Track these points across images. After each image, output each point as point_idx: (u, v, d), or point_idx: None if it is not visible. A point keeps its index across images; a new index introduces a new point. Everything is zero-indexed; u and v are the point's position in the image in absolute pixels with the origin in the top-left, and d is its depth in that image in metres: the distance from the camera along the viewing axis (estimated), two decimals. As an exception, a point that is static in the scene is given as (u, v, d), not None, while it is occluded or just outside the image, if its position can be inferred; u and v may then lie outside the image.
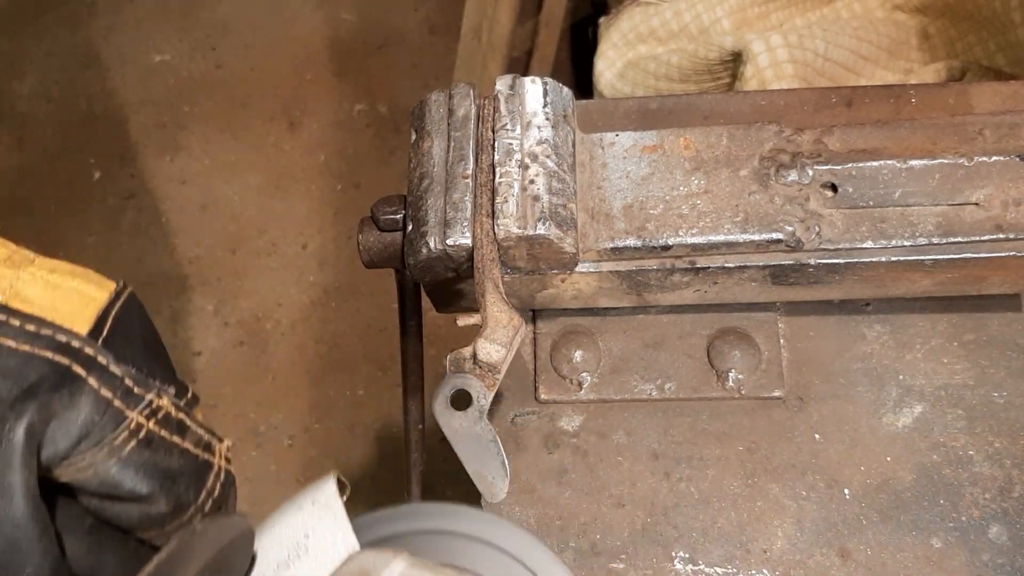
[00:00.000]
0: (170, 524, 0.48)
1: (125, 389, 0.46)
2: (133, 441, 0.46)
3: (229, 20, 2.60)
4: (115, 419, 0.45)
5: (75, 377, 0.44)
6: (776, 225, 0.66)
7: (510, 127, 0.66)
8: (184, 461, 0.48)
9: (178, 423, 0.49)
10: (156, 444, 0.47)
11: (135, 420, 0.46)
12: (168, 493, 0.47)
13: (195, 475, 0.49)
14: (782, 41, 1.14)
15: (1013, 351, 0.75)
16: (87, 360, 0.45)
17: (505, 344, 0.60)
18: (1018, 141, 0.68)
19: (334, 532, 0.51)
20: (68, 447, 0.44)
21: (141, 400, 0.47)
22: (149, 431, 0.46)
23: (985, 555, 0.70)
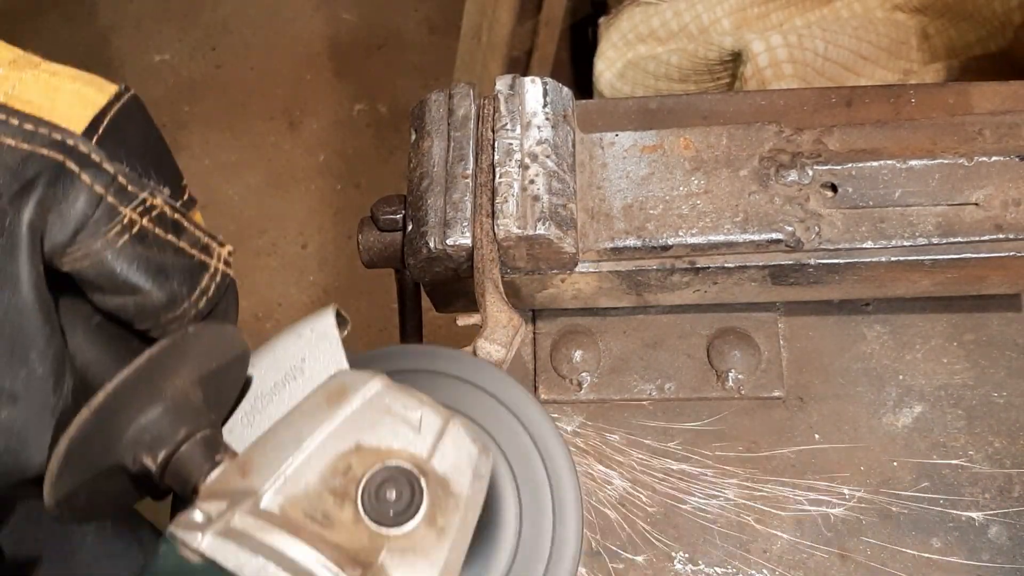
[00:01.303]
0: (164, 316, 0.50)
1: (118, 186, 0.48)
2: (127, 235, 0.48)
3: (229, 20, 2.60)
4: (108, 213, 0.47)
5: (69, 172, 0.46)
6: (776, 225, 0.66)
7: (510, 127, 0.66)
8: (178, 258, 0.50)
9: (173, 222, 0.50)
10: (150, 240, 0.49)
11: (128, 216, 0.48)
12: (161, 286, 0.49)
13: (189, 272, 0.51)
14: (782, 41, 1.14)
15: (1013, 351, 0.75)
16: (80, 157, 0.47)
17: (505, 344, 0.60)
18: (1018, 141, 0.68)
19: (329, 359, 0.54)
20: (66, 238, 0.46)
21: (135, 197, 0.48)
22: (143, 227, 0.48)
23: (985, 555, 0.70)
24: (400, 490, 0.45)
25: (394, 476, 0.45)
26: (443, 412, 0.48)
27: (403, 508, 0.45)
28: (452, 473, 0.47)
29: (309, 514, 0.44)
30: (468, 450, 0.48)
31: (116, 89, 0.52)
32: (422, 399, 0.48)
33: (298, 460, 0.45)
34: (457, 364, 0.57)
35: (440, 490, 0.46)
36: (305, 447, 0.45)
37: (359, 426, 0.46)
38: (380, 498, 0.45)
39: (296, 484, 0.44)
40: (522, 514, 0.55)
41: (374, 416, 0.47)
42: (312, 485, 0.45)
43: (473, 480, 0.47)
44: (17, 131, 0.46)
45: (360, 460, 0.45)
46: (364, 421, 0.47)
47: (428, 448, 0.47)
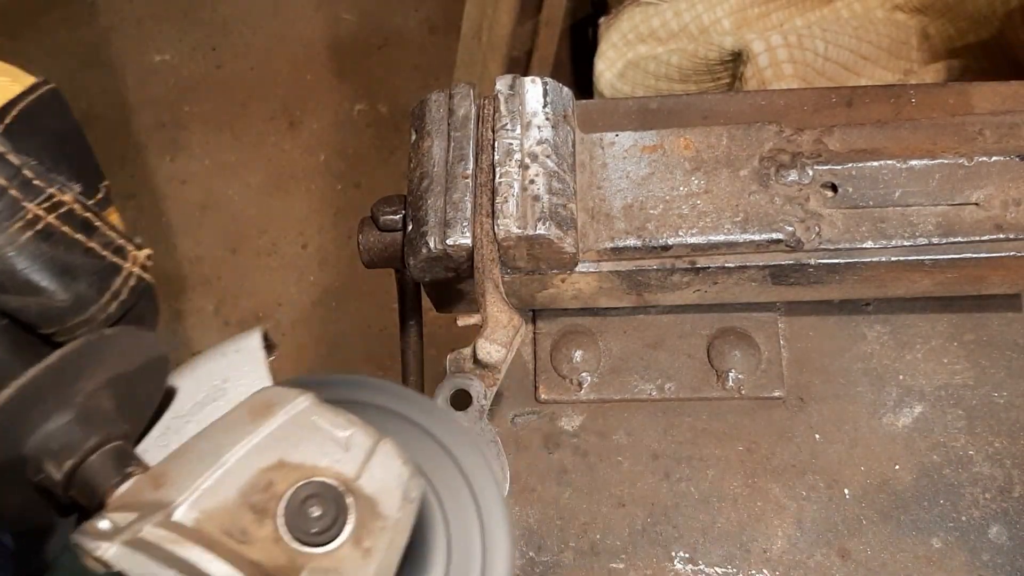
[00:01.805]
0: (71, 320, 0.47)
1: (23, 179, 0.46)
2: (30, 231, 0.45)
3: (229, 20, 2.60)
4: (11, 207, 0.45)
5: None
6: (776, 225, 0.66)
7: (510, 127, 0.66)
8: (87, 259, 0.48)
9: (83, 221, 0.48)
10: (56, 238, 0.46)
11: (33, 211, 0.45)
12: (66, 287, 0.46)
13: (98, 274, 0.48)
14: (782, 41, 1.14)
15: (1013, 351, 0.75)
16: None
17: (505, 344, 0.60)
18: (1018, 141, 0.68)
19: (253, 380, 0.52)
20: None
21: (41, 192, 0.46)
22: (48, 224, 0.46)
23: (985, 555, 0.70)
24: (325, 508, 0.43)
25: (319, 492, 0.43)
26: (373, 432, 0.46)
27: (327, 527, 0.43)
28: (381, 494, 0.44)
29: (226, 530, 0.42)
30: (398, 471, 0.45)
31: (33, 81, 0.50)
32: (351, 419, 0.46)
33: (216, 474, 0.43)
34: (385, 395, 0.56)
35: (367, 511, 0.44)
36: (224, 460, 0.43)
37: (283, 442, 0.44)
38: (303, 515, 0.43)
39: (213, 498, 0.42)
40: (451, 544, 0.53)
41: (300, 433, 0.45)
42: (230, 500, 0.42)
43: (403, 502, 0.45)
44: None
45: (283, 476, 0.43)
46: (289, 437, 0.44)
47: (356, 467, 0.44)
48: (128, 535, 0.40)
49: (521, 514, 0.74)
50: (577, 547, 0.72)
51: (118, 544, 0.40)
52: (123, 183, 2.42)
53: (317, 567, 0.42)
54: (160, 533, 0.40)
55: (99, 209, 0.50)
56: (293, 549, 0.42)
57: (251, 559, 0.41)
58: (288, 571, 0.42)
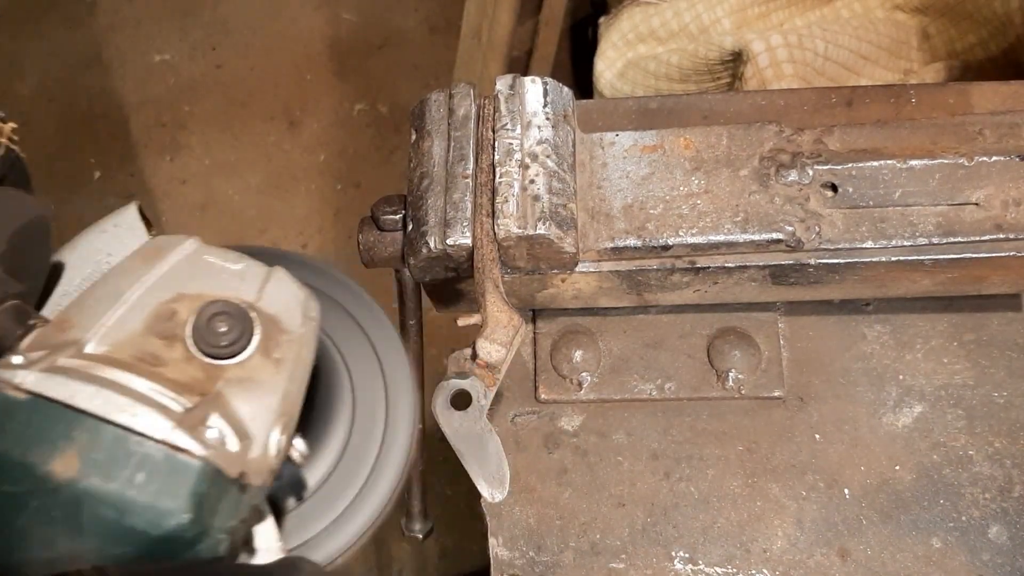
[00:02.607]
0: None
1: None
2: None
3: (229, 20, 2.59)
4: None
5: None
6: (776, 225, 0.66)
7: (510, 127, 0.66)
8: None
9: None
10: None
11: None
12: None
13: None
14: (782, 41, 1.14)
15: (1013, 351, 0.75)
16: None
17: (505, 344, 0.60)
18: (1018, 141, 0.68)
19: None
20: None
21: None
22: None
23: (985, 555, 0.70)
24: (231, 323, 0.45)
25: (223, 311, 0.46)
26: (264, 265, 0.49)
27: (235, 339, 0.45)
28: (282, 312, 0.47)
29: (138, 357, 0.44)
30: (295, 292, 0.48)
31: None
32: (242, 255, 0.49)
33: (119, 311, 0.45)
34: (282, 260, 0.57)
35: (271, 326, 0.46)
36: (125, 299, 0.45)
37: (180, 278, 0.47)
38: (211, 331, 0.45)
39: (120, 331, 0.45)
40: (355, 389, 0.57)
41: (194, 269, 0.47)
42: (137, 331, 0.45)
43: (304, 319, 0.48)
44: None
45: (185, 305, 0.46)
46: (184, 273, 0.47)
47: (254, 292, 0.47)
48: (44, 364, 0.42)
49: (521, 514, 0.74)
50: (577, 547, 0.72)
51: (36, 372, 0.42)
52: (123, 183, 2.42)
53: (232, 377, 0.45)
54: (75, 362, 0.43)
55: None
56: (207, 363, 0.45)
57: (166, 377, 0.44)
58: (204, 384, 0.44)
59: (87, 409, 0.41)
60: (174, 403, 0.43)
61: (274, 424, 0.45)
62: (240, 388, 0.45)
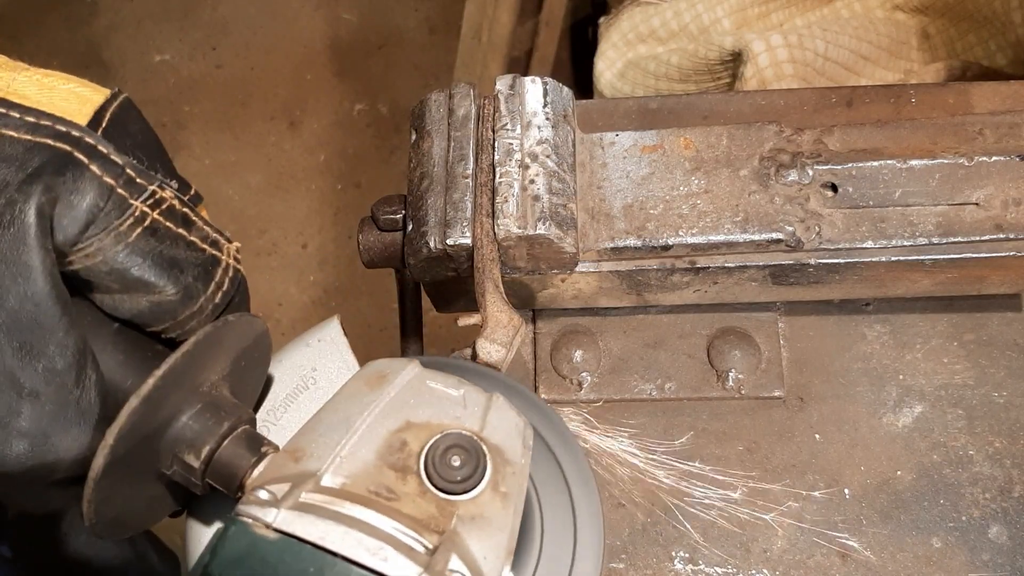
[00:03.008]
0: (182, 314, 0.48)
1: (127, 178, 0.46)
2: (139, 228, 0.46)
3: (229, 20, 2.60)
4: (119, 206, 0.45)
5: (78, 162, 0.44)
6: (776, 225, 0.66)
7: (510, 127, 0.66)
8: (191, 252, 0.48)
9: (183, 216, 0.49)
10: (161, 233, 0.47)
11: (139, 208, 0.46)
12: (176, 281, 0.47)
13: (202, 266, 0.49)
14: (782, 41, 1.14)
15: (1013, 351, 0.75)
16: (88, 148, 0.45)
17: (505, 344, 0.60)
18: (1018, 141, 0.68)
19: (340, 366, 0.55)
20: (77, 232, 0.44)
21: (144, 190, 0.47)
22: (154, 220, 0.47)
23: (985, 555, 0.70)
24: (465, 457, 0.45)
25: (458, 443, 0.45)
26: (482, 390, 0.48)
27: (469, 475, 0.44)
28: (505, 442, 0.47)
29: (373, 490, 0.43)
30: (515, 421, 0.48)
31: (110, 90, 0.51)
32: (460, 379, 0.48)
33: (351, 441, 0.44)
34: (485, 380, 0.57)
35: (498, 458, 0.46)
36: (355, 428, 0.45)
37: (405, 405, 0.46)
38: (446, 466, 0.44)
39: (353, 463, 0.44)
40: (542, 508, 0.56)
41: (418, 396, 0.47)
42: (370, 463, 0.44)
43: (523, 449, 0.47)
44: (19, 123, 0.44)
45: (414, 435, 0.45)
46: (409, 401, 0.46)
47: (478, 421, 0.47)
48: (291, 501, 0.41)
49: (521, 514, 0.74)
50: (577, 547, 0.72)
51: (285, 509, 0.41)
52: (123, 183, 2.42)
53: (465, 514, 0.44)
54: (317, 497, 0.42)
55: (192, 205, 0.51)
56: (441, 499, 0.44)
57: (403, 512, 0.43)
58: (439, 520, 0.43)
59: (338, 551, 0.40)
60: (417, 543, 0.41)
61: (504, 562, 0.44)
62: (473, 526, 0.44)
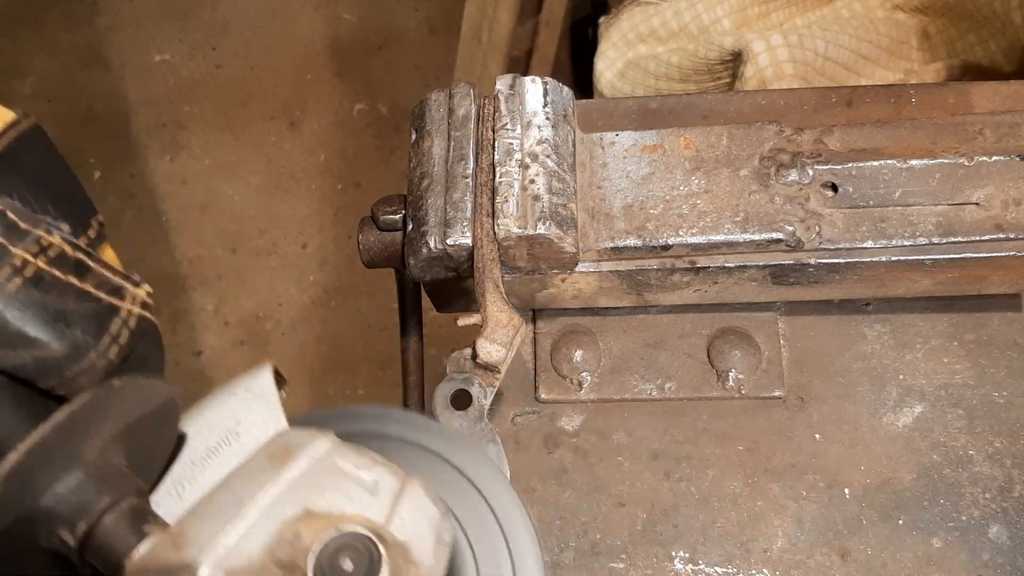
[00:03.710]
0: (69, 370, 0.44)
1: (7, 223, 0.42)
2: (18, 279, 0.42)
3: (229, 20, 2.60)
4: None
5: None
6: (776, 225, 0.66)
7: (510, 127, 0.66)
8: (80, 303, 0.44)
9: (75, 262, 0.45)
10: (46, 284, 0.43)
11: (20, 256, 0.42)
12: (60, 336, 0.43)
13: (95, 318, 0.45)
14: (782, 41, 1.14)
15: (1013, 351, 0.75)
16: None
17: (505, 344, 0.60)
18: (1018, 141, 0.68)
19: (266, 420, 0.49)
20: None
21: (27, 236, 0.43)
22: (38, 269, 0.43)
23: (985, 555, 0.70)
24: (357, 560, 0.41)
25: (349, 544, 0.41)
26: (399, 472, 0.44)
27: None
28: (413, 539, 0.42)
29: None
30: (429, 513, 0.43)
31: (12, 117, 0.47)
32: (375, 458, 0.44)
33: (240, 529, 0.40)
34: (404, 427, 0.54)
35: (400, 558, 0.42)
36: (247, 514, 0.41)
37: (307, 489, 0.42)
38: (335, 569, 0.40)
39: (238, 556, 0.40)
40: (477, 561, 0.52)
41: (324, 478, 0.43)
42: (256, 557, 0.40)
43: (436, 546, 0.43)
44: None
45: (310, 527, 0.41)
46: (312, 483, 0.42)
47: (385, 512, 0.42)
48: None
49: (521, 514, 0.74)
50: (577, 547, 0.72)
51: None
52: (123, 183, 2.42)
53: None
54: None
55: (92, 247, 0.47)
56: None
57: None
58: None
59: None
60: None
61: None
62: None
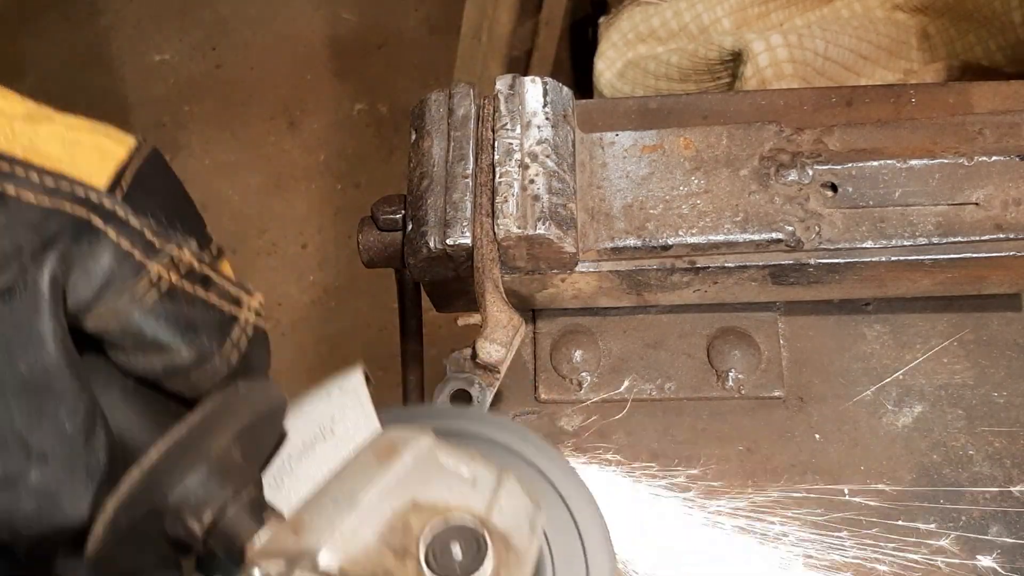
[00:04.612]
0: (195, 374, 0.48)
1: (145, 242, 0.46)
2: (154, 291, 0.46)
3: (229, 20, 2.60)
4: (135, 270, 0.46)
5: (94, 229, 0.45)
6: (776, 225, 0.66)
7: (510, 127, 0.66)
8: (207, 312, 0.49)
9: (202, 277, 0.49)
10: (178, 295, 0.47)
11: (156, 271, 0.46)
12: (190, 343, 0.47)
13: (218, 327, 0.49)
14: (782, 41, 1.14)
15: (1013, 351, 0.75)
16: (106, 213, 0.46)
17: (505, 344, 0.60)
18: (1018, 141, 0.68)
19: (359, 418, 0.53)
20: (91, 296, 0.44)
21: (162, 252, 0.47)
22: (171, 283, 0.47)
23: (985, 555, 0.70)
24: (466, 547, 0.44)
25: (459, 532, 0.44)
26: (494, 467, 0.47)
27: (469, 564, 0.43)
28: (512, 528, 0.46)
29: (371, 573, 0.43)
30: (524, 504, 0.47)
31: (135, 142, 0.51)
32: (473, 455, 0.47)
33: (353, 518, 0.44)
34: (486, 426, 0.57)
35: (502, 546, 0.45)
36: (359, 504, 0.44)
37: (413, 482, 0.45)
38: (446, 554, 0.44)
39: (353, 542, 0.43)
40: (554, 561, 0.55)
41: (427, 472, 0.46)
42: (370, 543, 0.43)
43: (531, 535, 0.46)
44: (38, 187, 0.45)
45: (418, 517, 0.44)
46: (417, 477, 0.46)
47: (486, 503, 0.46)
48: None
49: (521, 514, 0.74)
50: (577, 547, 0.72)
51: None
52: (123, 183, 2.42)
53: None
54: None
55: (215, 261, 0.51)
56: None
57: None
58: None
59: None
60: None
61: None
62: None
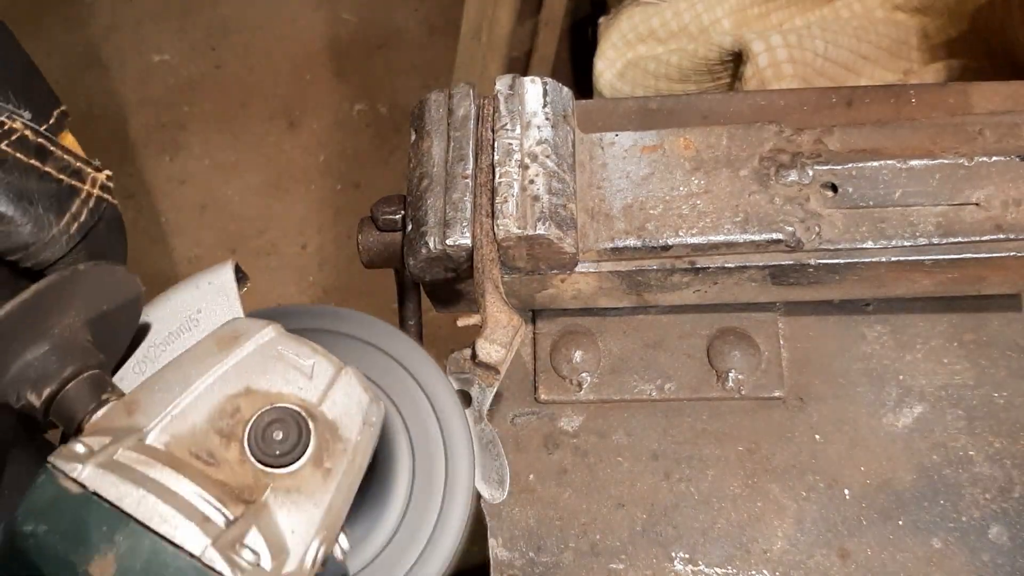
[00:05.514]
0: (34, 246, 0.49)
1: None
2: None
3: (229, 20, 2.59)
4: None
5: None
6: (776, 225, 0.66)
7: (510, 127, 0.66)
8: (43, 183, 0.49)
9: (36, 147, 0.49)
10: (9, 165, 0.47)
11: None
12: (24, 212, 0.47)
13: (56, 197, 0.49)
14: (782, 41, 1.14)
15: (1013, 351, 0.75)
16: None
17: (505, 344, 0.60)
18: (1018, 141, 0.68)
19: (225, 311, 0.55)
20: None
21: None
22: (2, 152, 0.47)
23: (985, 555, 0.70)
24: (287, 431, 0.46)
25: (282, 417, 0.46)
26: (336, 361, 0.49)
27: (289, 449, 0.46)
28: (342, 418, 0.47)
29: (194, 452, 0.45)
30: (359, 398, 0.48)
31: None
32: (315, 348, 0.49)
33: (185, 400, 0.46)
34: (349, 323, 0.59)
35: (328, 434, 0.47)
36: (193, 388, 0.46)
37: (250, 370, 0.47)
38: (267, 438, 0.46)
39: (182, 423, 0.45)
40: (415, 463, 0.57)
41: (266, 362, 0.48)
42: (199, 425, 0.45)
43: (363, 426, 0.48)
44: None
45: (249, 402, 0.46)
46: (255, 366, 0.47)
47: (319, 394, 0.47)
48: (102, 457, 0.43)
49: (521, 515, 0.74)
50: (577, 547, 0.72)
51: (92, 466, 0.42)
52: (122, 183, 2.42)
53: (280, 486, 0.45)
54: (132, 455, 0.43)
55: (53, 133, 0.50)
56: (257, 469, 0.45)
57: (217, 479, 0.44)
58: (252, 490, 0.45)
59: (132, 514, 0.41)
60: (217, 514, 0.43)
61: (314, 537, 0.45)
62: (286, 499, 0.45)
